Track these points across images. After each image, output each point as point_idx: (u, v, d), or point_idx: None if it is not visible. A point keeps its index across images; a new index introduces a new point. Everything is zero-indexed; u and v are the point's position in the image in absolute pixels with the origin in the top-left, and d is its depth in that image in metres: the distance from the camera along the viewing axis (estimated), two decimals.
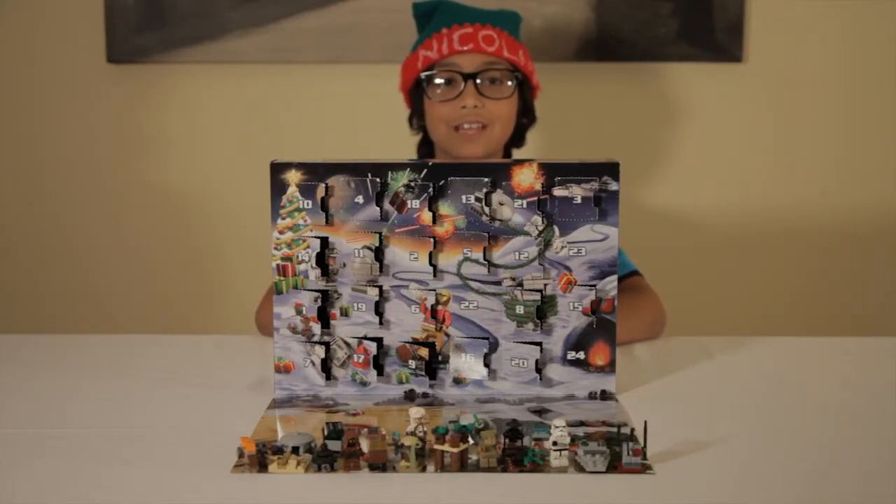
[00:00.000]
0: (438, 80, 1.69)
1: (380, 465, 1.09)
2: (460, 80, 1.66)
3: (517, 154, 1.82)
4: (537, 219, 1.31)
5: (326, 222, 1.32)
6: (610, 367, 1.34)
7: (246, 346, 1.55)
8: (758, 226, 2.17)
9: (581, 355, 1.34)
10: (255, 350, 1.51)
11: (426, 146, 1.80)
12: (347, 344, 1.34)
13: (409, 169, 1.31)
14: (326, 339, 1.34)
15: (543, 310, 1.33)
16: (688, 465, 1.10)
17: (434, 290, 1.33)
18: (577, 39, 2.08)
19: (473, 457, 1.10)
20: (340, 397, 1.33)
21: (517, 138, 1.78)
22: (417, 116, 1.77)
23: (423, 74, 1.69)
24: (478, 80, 1.66)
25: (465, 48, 1.66)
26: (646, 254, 1.89)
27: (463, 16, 1.70)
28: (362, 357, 1.34)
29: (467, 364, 1.34)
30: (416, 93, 1.75)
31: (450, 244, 1.32)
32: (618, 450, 1.10)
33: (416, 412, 1.12)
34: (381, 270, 1.32)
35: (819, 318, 2.19)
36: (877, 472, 1.09)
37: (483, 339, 1.33)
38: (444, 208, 1.32)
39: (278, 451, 1.10)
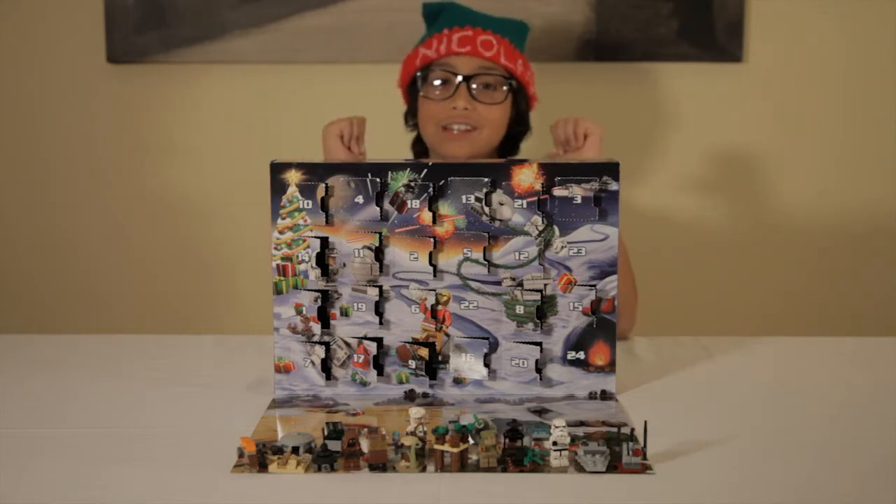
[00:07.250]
0: (433, 79, 1.69)
1: (380, 465, 1.09)
2: (454, 80, 1.67)
3: None
4: (537, 219, 1.31)
5: (326, 222, 1.32)
6: (610, 367, 1.34)
7: (246, 346, 1.55)
8: (758, 226, 2.17)
9: (581, 355, 1.34)
10: (255, 350, 1.51)
11: (420, 144, 1.80)
12: (347, 344, 1.34)
13: (409, 169, 1.31)
14: (326, 339, 1.34)
15: (543, 310, 1.33)
16: (688, 465, 1.10)
17: (434, 290, 1.33)
18: (577, 39, 2.08)
19: (473, 457, 1.10)
20: (340, 397, 1.33)
21: (511, 147, 1.78)
22: (412, 114, 1.78)
23: (418, 72, 1.70)
24: (472, 84, 1.66)
25: (463, 50, 1.67)
26: (646, 254, 1.89)
27: (466, 19, 1.71)
28: (362, 357, 1.34)
29: (467, 364, 1.34)
30: (412, 89, 1.75)
31: (450, 244, 1.32)
32: (618, 450, 1.10)
33: (416, 412, 1.12)
34: (381, 270, 1.32)
35: (819, 318, 2.18)
36: (877, 472, 1.09)
37: (483, 339, 1.33)
38: (444, 208, 1.32)
39: (278, 451, 1.10)
